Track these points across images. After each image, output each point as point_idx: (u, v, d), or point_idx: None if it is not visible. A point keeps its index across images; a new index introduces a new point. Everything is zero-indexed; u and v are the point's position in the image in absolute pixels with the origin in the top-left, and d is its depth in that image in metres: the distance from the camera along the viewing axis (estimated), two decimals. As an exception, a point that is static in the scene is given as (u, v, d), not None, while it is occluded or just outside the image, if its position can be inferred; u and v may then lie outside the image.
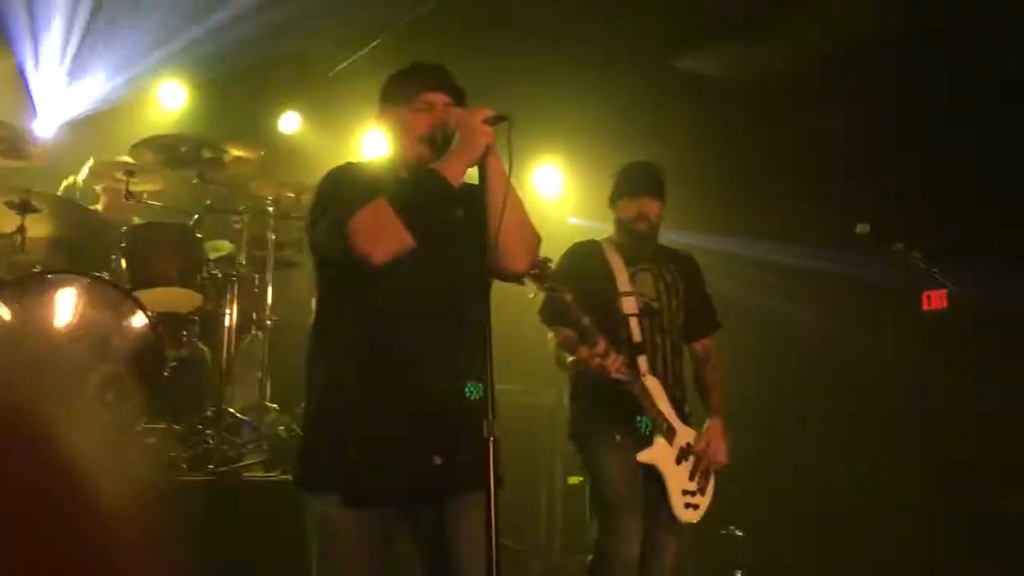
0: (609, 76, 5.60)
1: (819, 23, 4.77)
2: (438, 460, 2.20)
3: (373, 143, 5.72)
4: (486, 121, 2.23)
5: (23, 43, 5.04)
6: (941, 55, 4.59)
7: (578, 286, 3.28)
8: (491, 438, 2.04)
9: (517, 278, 2.41)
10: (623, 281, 3.49)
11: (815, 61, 4.95)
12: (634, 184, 3.56)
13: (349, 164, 2.42)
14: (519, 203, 2.32)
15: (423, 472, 2.19)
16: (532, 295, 3.37)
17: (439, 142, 2.30)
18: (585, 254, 3.58)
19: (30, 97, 5.14)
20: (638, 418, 3.36)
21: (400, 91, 2.40)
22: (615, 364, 3.22)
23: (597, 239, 3.67)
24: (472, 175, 2.30)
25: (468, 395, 2.12)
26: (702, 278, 3.73)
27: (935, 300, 5.79)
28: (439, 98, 2.36)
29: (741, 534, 5.52)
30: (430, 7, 4.95)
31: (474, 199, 2.26)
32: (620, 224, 3.59)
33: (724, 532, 5.53)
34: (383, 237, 2.16)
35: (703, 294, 3.71)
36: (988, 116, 4.66)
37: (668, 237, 3.83)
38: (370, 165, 2.47)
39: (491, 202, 2.22)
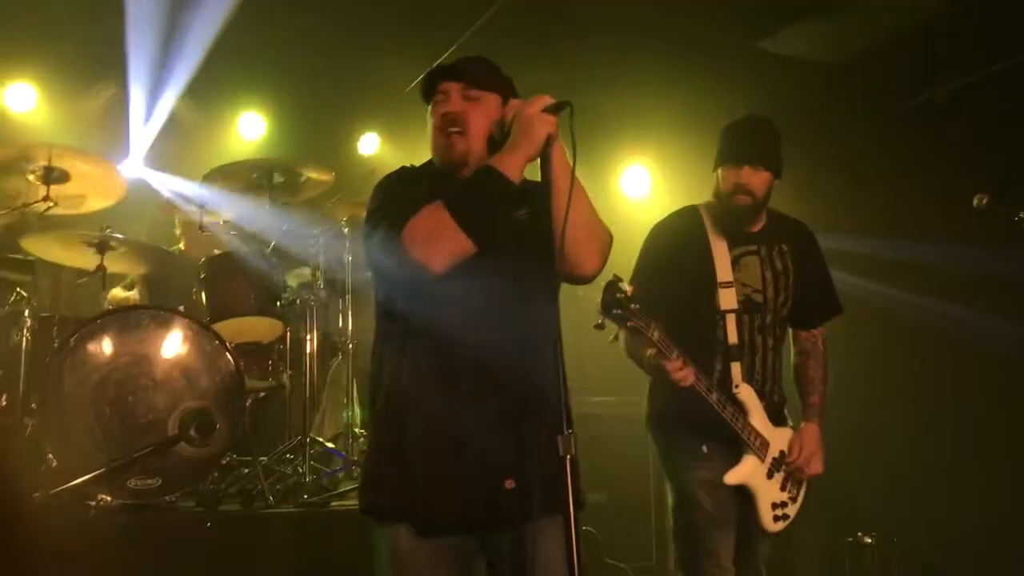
0: (693, 68, 5.35)
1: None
2: (510, 484, 2.01)
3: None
4: (546, 109, 2.04)
5: (126, 75, 5.03)
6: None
7: (673, 271, 2.96)
8: (568, 456, 1.84)
9: (588, 280, 2.20)
10: (724, 270, 3.04)
11: (912, 35, 4.59)
12: (735, 150, 3.05)
13: (402, 169, 2.28)
14: (586, 197, 2.11)
15: (495, 497, 2.01)
16: (612, 338, 3.03)
17: (498, 139, 2.12)
18: (682, 231, 3.11)
19: (126, 133, 5.16)
20: None
21: (422, 89, 2.24)
22: (683, 373, 2.83)
23: (697, 206, 3.17)
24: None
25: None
26: (820, 256, 3.23)
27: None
28: (450, 87, 2.18)
29: (870, 540, 5.23)
30: (497, 10, 4.80)
31: (539, 197, 2.07)
32: (719, 196, 3.08)
33: (851, 540, 5.26)
34: (440, 243, 1.99)
35: (820, 276, 3.23)
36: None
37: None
38: (425, 168, 2.32)
39: (556, 197, 2.03)
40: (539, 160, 2.08)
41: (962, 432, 5.49)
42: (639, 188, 6.48)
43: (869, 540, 5.21)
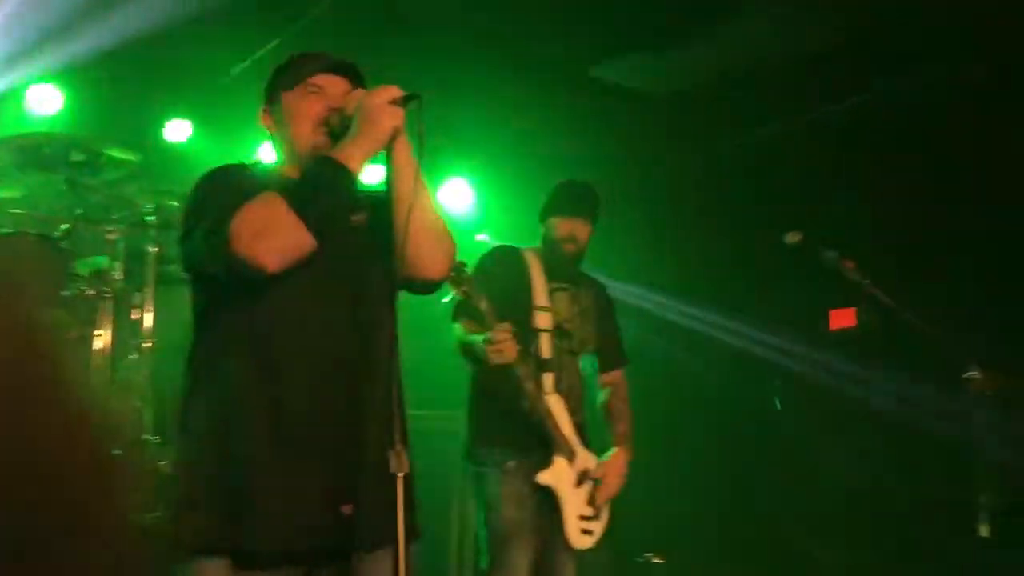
0: (525, 87, 5.34)
1: (744, 35, 4.59)
2: (347, 510, 1.81)
3: (271, 152, 5.36)
4: (393, 102, 1.91)
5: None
6: (874, 67, 4.48)
7: (494, 290, 3.13)
8: (401, 474, 1.71)
9: (431, 287, 2.08)
10: (541, 296, 3.39)
11: (743, 72, 4.77)
12: (570, 204, 3.49)
13: (229, 165, 2.06)
14: (431, 199, 2.01)
15: (328, 525, 1.81)
16: (447, 298, 3.17)
17: (337, 129, 1.97)
18: (507, 259, 3.48)
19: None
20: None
21: (287, 77, 2.07)
22: (510, 348, 3.02)
23: (520, 247, 3.54)
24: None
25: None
26: (614, 311, 3.71)
27: (841, 319, 5.76)
28: (333, 80, 2.03)
29: (660, 561, 5.39)
30: (330, 5, 4.61)
31: (379, 204, 1.94)
32: (547, 241, 3.51)
33: (641, 560, 5.39)
34: (274, 237, 1.79)
35: (614, 327, 3.68)
36: (921, 130, 4.58)
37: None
38: (254, 167, 2.12)
39: (399, 197, 1.90)
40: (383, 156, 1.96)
41: (739, 461, 5.82)
42: (460, 201, 6.41)
43: (658, 560, 5.37)
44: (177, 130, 5.51)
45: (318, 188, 1.85)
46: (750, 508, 5.81)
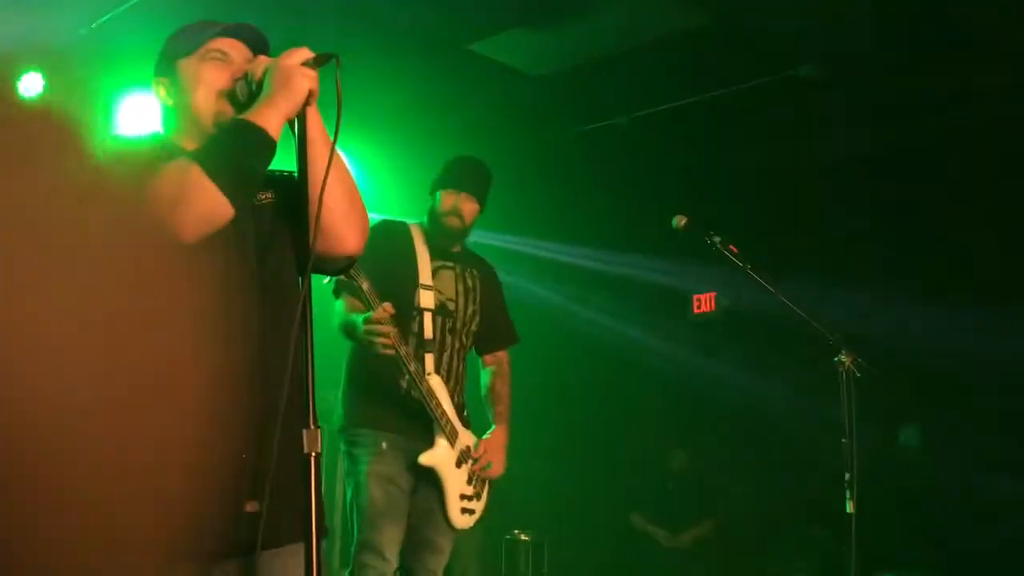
0: (408, 61, 5.23)
1: (624, 17, 4.64)
2: (251, 507, 1.70)
3: (129, 109, 5.09)
4: (307, 63, 1.81)
5: None
6: (745, 54, 4.62)
7: (378, 267, 3.07)
8: (313, 453, 1.63)
9: (347, 260, 1.97)
10: (425, 273, 3.37)
11: (622, 54, 4.84)
12: (458, 178, 3.47)
13: (117, 137, 1.95)
14: (346, 168, 1.93)
15: (231, 522, 1.70)
16: (326, 280, 3.13)
17: (242, 99, 1.86)
18: (393, 234, 3.43)
19: None
20: None
21: (183, 43, 1.94)
22: (388, 329, 3.00)
23: (407, 222, 3.50)
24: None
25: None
26: (501, 290, 3.70)
27: (704, 304, 5.98)
28: (233, 45, 1.92)
29: (526, 539, 5.49)
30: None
31: (285, 183, 1.88)
32: (433, 215, 3.48)
33: (509, 537, 5.48)
34: (191, 203, 1.66)
35: (501, 306, 3.67)
36: (788, 119, 4.76)
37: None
38: (146, 138, 1.98)
39: (312, 166, 1.80)
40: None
41: (601, 443, 5.96)
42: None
43: (525, 537, 5.47)
44: (30, 84, 5.14)
45: (235, 151, 1.74)
46: (617, 486, 5.94)
